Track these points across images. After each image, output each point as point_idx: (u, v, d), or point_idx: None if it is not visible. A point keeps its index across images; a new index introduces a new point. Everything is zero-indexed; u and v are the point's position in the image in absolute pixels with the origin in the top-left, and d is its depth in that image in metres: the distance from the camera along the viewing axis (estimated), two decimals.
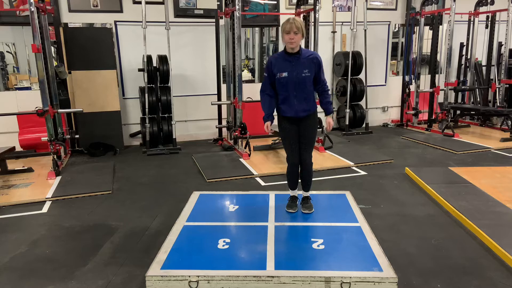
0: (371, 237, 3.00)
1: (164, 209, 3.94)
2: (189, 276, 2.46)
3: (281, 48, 4.94)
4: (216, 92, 6.83)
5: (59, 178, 4.92)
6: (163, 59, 6.28)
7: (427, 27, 7.80)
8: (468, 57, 8.07)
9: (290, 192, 3.64)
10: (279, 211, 3.55)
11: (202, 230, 3.27)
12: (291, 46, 3.14)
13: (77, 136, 6.13)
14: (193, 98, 7.10)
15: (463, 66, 8.33)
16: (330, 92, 3.45)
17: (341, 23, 7.72)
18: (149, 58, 6.23)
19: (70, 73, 6.16)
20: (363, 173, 5.01)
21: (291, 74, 3.18)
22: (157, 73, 6.34)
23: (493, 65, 7.84)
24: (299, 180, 3.57)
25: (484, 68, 8.16)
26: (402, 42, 8.33)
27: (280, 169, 5.04)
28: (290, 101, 3.25)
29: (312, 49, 6.36)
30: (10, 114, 5.71)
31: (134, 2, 6.47)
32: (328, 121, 3.41)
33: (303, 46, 6.74)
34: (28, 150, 6.05)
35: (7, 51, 6.51)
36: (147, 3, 6.05)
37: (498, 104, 7.47)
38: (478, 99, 8.31)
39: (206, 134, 7.27)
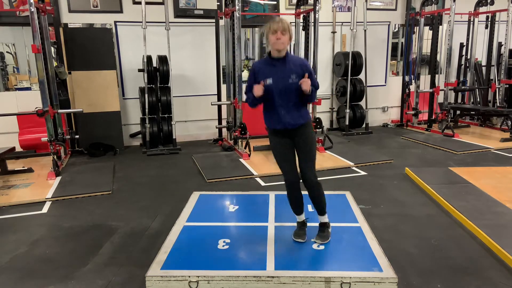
0: (371, 237, 3.00)
1: (164, 209, 3.94)
2: (189, 276, 2.46)
3: None
4: (216, 93, 6.84)
5: (59, 178, 4.92)
6: (163, 60, 6.28)
7: (427, 27, 7.80)
8: (468, 57, 8.06)
9: (297, 218, 3.12)
10: (279, 211, 3.54)
11: (202, 230, 3.27)
12: (277, 48, 2.72)
13: (77, 136, 6.13)
14: (193, 99, 7.10)
15: (463, 66, 8.34)
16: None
17: (341, 23, 7.72)
18: (149, 58, 6.23)
19: (70, 73, 6.16)
20: (363, 173, 5.01)
21: (276, 80, 2.76)
22: (157, 73, 6.34)
23: (493, 65, 7.85)
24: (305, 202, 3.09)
25: (484, 68, 8.16)
26: (402, 42, 8.33)
27: (280, 169, 5.03)
28: (277, 112, 2.80)
29: (312, 50, 6.37)
30: (10, 114, 5.71)
31: (134, 3, 6.47)
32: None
33: (302, 45, 6.79)
34: (28, 151, 6.05)
35: (7, 52, 6.52)
36: (147, 3, 6.05)
37: (498, 104, 7.48)
38: (478, 99, 8.31)
39: (206, 134, 7.27)
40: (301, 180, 2.96)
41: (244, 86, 6.08)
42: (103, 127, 6.33)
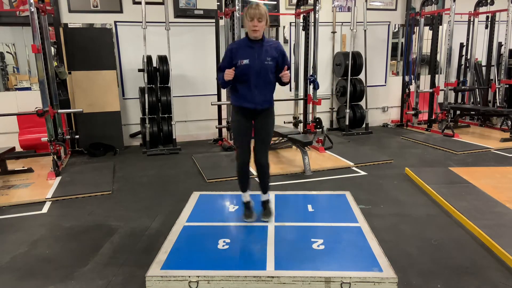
0: (371, 237, 3.00)
1: (164, 209, 3.94)
2: (189, 276, 2.46)
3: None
4: (216, 93, 6.83)
5: (59, 178, 4.92)
6: (163, 60, 6.28)
7: (427, 27, 7.81)
8: (468, 57, 8.07)
9: (243, 197, 3.35)
10: (279, 211, 3.54)
11: (202, 230, 3.27)
12: (254, 35, 2.93)
13: (77, 136, 6.13)
14: (193, 99, 7.10)
15: (463, 66, 8.34)
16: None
17: (341, 24, 7.73)
18: (149, 58, 6.23)
19: (70, 73, 6.16)
20: (363, 173, 5.01)
21: (253, 61, 2.94)
22: (157, 73, 6.34)
23: (493, 65, 7.85)
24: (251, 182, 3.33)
25: (484, 68, 8.17)
26: (402, 42, 8.33)
27: (280, 169, 5.04)
28: (250, 91, 2.97)
29: (312, 50, 6.37)
30: (10, 114, 5.70)
31: (134, 3, 6.47)
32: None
33: (302, 45, 6.78)
34: (28, 151, 6.05)
35: (7, 52, 6.51)
36: (147, 3, 6.06)
37: (498, 104, 7.48)
38: (478, 99, 8.32)
39: (206, 134, 7.27)
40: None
41: None
42: (103, 127, 6.33)
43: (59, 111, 5.71)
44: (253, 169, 3.44)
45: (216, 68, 3.16)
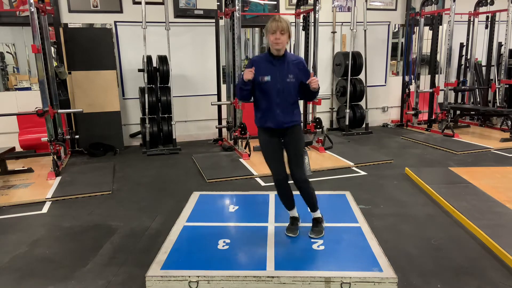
0: (371, 237, 3.00)
1: (164, 209, 3.94)
2: (189, 277, 2.46)
3: None
4: (216, 93, 6.83)
5: (59, 178, 4.92)
6: (163, 60, 6.28)
7: (427, 27, 7.81)
8: (468, 57, 8.07)
9: (289, 213, 3.19)
10: (279, 212, 3.54)
11: (202, 230, 3.27)
12: (276, 48, 2.75)
13: (77, 136, 6.13)
14: (193, 99, 7.10)
15: (463, 66, 8.34)
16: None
17: (341, 24, 7.73)
18: (149, 58, 6.23)
19: (70, 73, 6.16)
20: (363, 173, 5.01)
21: (274, 78, 2.78)
22: (157, 73, 6.34)
23: (493, 65, 7.85)
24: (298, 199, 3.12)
25: (484, 68, 8.17)
26: (402, 42, 8.33)
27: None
28: (272, 110, 2.82)
29: (312, 50, 6.38)
30: (10, 114, 5.71)
31: (134, 3, 6.47)
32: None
33: (302, 45, 6.79)
34: (28, 151, 6.05)
35: (7, 52, 6.52)
36: (147, 3, 6.05)
37: (498, 104, 7.48)
38: (478, 99, 8.32)
39: (206, 134, 7.27)
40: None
41: None
42: (103, 127, 6.33)
43: (59, 111, 5.70)
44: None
45: (237, 84, 2.86)
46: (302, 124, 3.11)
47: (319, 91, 3.05)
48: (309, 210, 3.12)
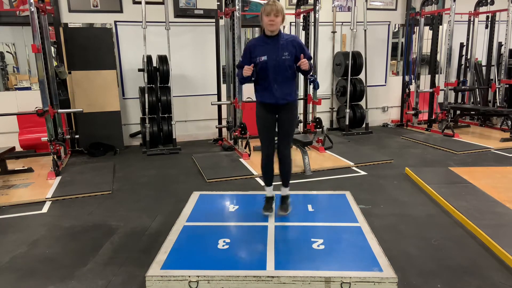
0: (371, 237, 3.00)
1: (164, 209, 3.94)
2: (189, 276, 2.46)
3: None
4: (216, 92, 6.83)
5: (59, 178, 4.92)
6: (163, 59, 6.28)
7: (427, 27, 7.80)
8: (468, 57, 8.07)
9: (266, 191, 3.47)
10: None
11: (202, 230, 3.27)
12: (271, 29, 3.02)
13: (77, 136, 6.13)
14: (193, 98, 7.10)
15: (463, 66, 8.34)
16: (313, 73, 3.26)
17: (341, 23, 7.72)
18: (149, 58, 6.23)
19: (70, 73, 6.16)
20: (363, 173, 5.01)
21: (270, 57, 3.04)
22: (157, 73, 6.34)
23: (493, 65, 7.85)
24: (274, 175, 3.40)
25: (484, 68, 8.17)
26: (402, 42, 8.33)
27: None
28: (270, 87, 3.08)
29: (312, 49, 6.37)
30: (10, 114, 5.71)
31: (134, 2, 6.47)
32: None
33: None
34: (28, 150, 6.05)
35: (7, 51, 6.51)
36: (147, 3, 6.05)
37: (498, 104, 7.48)
38: (478, 99, 8.31)
39: (206, 134, 7.27)
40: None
41: (244, 86, 6.11)
42: (103, 127, 6.33)
43: (59, 111, 5.70)
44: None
45: (237, 65, 3.24)
46: (297, 103, 3.36)
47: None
48: (282, 185, 3.43)
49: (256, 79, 3.14)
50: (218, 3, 6.76)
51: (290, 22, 7.31)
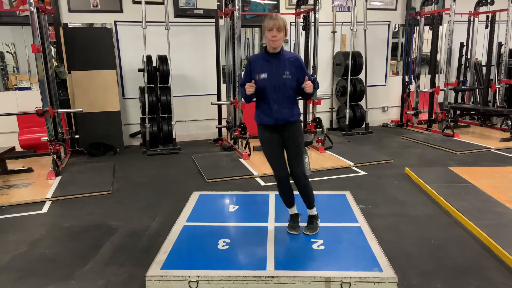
0: (371, 237, 3.00)
1: (164, 209, 3.94)
2: (189, 276, 2.46)
3: None
4: (216, 92, 6.83)
5: (59, 178, 4.92)
6: (163, 59, 6.28)
7: (427, 27, 7.80)
8: (468, 57, 8.06)
9: (289, 211, 3.22)
10: (279, 211, 3.54)
11: (202, 230, 3.27)
12: (273, 45, 2.82)
13: (77, 136, 6.13)
14: (193, 98, 7.10)
15: (463, 66, 8.33)
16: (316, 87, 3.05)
17: (341, 23, 7.72)
18: (149, 58, 6.22)
19: (70, 73, 6.16)
20: (363, 173, 5.01)
21: (270, 75, 2.86)
22: (157, 73, 6.34)
23: (493, 65, 7.84)
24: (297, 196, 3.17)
25: (484, 68, 8.16)
26: (402, 42, 8.33)
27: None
28: (270, 107, 2.88)
29: (312, 49, 6.37)
30: (10, 114, 5.71)
31: (134, 2, 6.47)
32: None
33: (302, 45, 6.79)
34: (28, 150, 6.05)
35: (7, 51, 6.52)
36: (147, 3, 6.05)
37: (498, 104, 7.47)
38: (478, 99, 8.31)
39: (206, 134, 7.27)
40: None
41: None
42: (103, 127, 6.33)
43: (59, 110, 5.70)
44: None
45: (239, 84, 3.03)
46: (301, 121, 3.10)
47: (319, 91, 3.10)
48: (306, 207, 3.17)
49: (256, 98, 2.97)
50: (218, 3, 6.76)
51: (290, 22, 7.29)
